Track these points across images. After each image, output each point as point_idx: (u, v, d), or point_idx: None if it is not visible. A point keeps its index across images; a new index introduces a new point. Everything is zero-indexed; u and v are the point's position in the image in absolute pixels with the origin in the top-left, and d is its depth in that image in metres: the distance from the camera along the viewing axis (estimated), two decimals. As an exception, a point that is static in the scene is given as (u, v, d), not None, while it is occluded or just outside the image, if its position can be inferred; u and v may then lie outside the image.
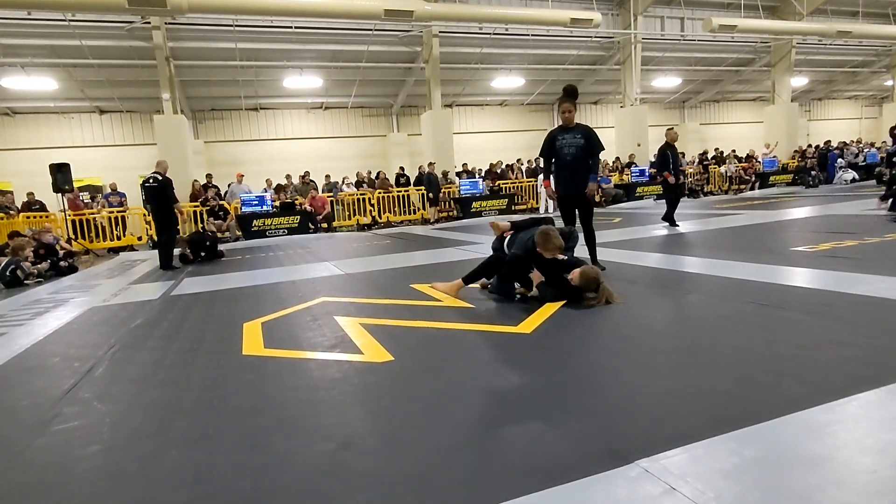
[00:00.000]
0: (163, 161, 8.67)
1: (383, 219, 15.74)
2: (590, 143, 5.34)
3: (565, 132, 5.43)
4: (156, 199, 8.55)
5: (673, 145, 9.24)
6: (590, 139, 5.35)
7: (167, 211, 8.54)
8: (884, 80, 25.42)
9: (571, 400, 2.32)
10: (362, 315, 4.20)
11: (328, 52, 16.52)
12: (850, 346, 2.67)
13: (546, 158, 5.67)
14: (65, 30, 13.28)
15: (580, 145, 5.34)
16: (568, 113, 5.34)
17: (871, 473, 1.59)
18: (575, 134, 5.39)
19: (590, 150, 5.34)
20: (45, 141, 16.83)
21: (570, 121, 5.39)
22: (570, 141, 5.39)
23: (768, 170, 19.12)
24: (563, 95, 5.37)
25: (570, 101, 5.32)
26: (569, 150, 5.38)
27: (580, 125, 5.45)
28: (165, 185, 8.42)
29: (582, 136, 5.36)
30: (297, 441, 2.13)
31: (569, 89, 5.37)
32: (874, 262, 4.80)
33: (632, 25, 17.85)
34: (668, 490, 1.56)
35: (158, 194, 8.47)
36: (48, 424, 2.48)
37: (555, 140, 5.50)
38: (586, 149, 5.33)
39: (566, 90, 5.37)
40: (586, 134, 5.37)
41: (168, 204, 8.52)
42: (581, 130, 5.39)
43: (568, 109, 5.33)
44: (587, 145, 5.33)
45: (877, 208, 9.13)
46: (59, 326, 4.77)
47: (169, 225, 8.67)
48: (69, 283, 7.95)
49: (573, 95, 5.34)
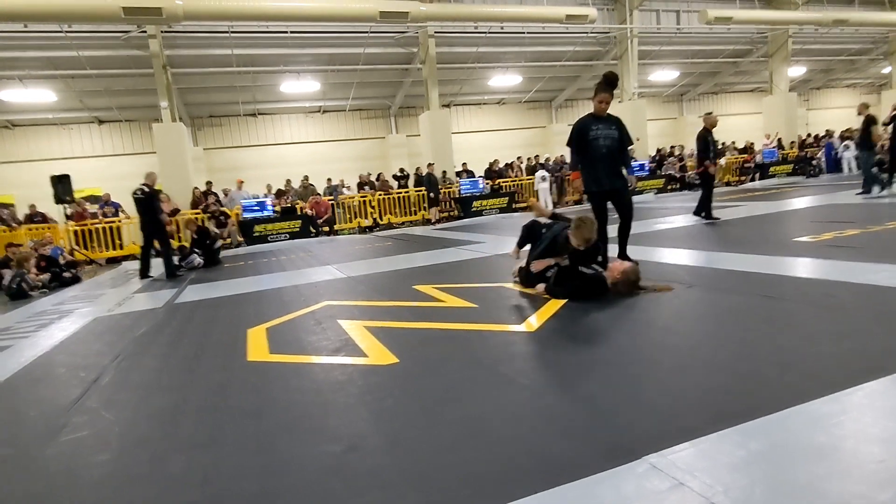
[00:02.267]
0: (151, 173, 8.70)
1: (384, 221, 15.75)
2: (623, 135, 5.06)
3: (599, 122, 5.03)
4: (144, 210, 8.63)
5: (711, 131, 8.64)
6: (623, 131, 5.08)
7: (155, 222, 8.60)
8: (881, 68, 25.33)
9: (577, 397, 2.32)
10: (366, 318, 4.21)
11: (325, 56, 16.54)
12: (855, 335, 2.67)
13: (576, 150, 5.16)
14: (62, 41, 13.31)
15: (616, 137, 5.01)
16: (605, 104, 4.97)
17: (879, 463, 1.59)
18: (609, 125, 5.03)
19: (624, 142, 5.07)
20: (46, 153, 16.86)
21: (603, 112, 5.01)
22: (605, 132, 5.00)
23: (768, 160, 19.09)
24: (602, 83, 4.94)
25: (610, 91, 4.92)
26: (605, 143, 4.98)
27: (613, 116, 5.11)
28: (152, 196, 8.49)
29: (617, 127, 5.04)
30: (302, 442, 2.14)
31: (610, 77, 4.96)
32: (876, 250, 4.79)
33: (627, 20, 17.83)
34: (676, 485, 1.57)
35: (146, 205, 8.54)
36: (57, 434, 2.49)
37: (587, 130, 5.03)
38: (622, 141, 5.05)
39: (607, 78, 4.95)
40: (620, 126, 5.08)
41: (155, 215, 8.58)
42: (615, 121, 5.08)
43: (605, 100, 4.95)
44: (622, 137, 5.05)
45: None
46: (65, 337, 4.79)
47: (161, 234, 8.73)
48: (73, 293, 7.98)
49: (613, 85, 4.95)
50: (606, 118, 5.05)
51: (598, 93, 4.94)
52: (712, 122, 8.70)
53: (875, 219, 6.67)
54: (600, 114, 5.03)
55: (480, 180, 16.77)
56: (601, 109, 5.00)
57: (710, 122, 8.69)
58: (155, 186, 8.61)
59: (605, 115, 5.05)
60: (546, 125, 22.81)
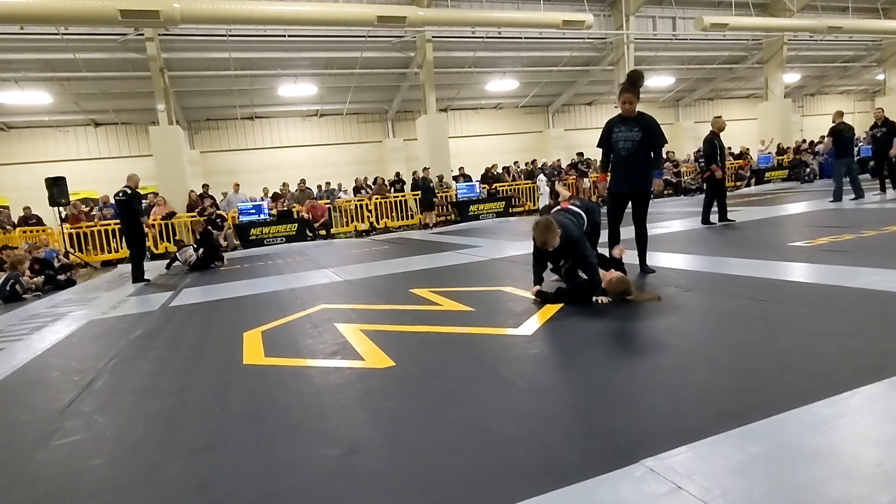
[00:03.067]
0: (133, 175, 8.61)
1: (381, 224, 15.75)
2: (651, 136, 4.84)
3: (623, 123, 4.91)
4: (123, 213, 8.58)
5: (719, 135, 8.53)
6: (651, 132, 4.84)
7: (134, 225, 8.52)
8: (875, 75, 25.54)
9: (574, 400, 2.32)
10: (362, 321, 4.19)
11: (322, 60, 16.56)
12: (852, 338, 2.68)
13: (603, 151, 5.12)
14: (58, 43, 13.30)
15: (637, 139, 4.84)
16: (629, 104, 4.79)
17: (877, 465, 1.59)
18: (632, 126, 4.86)
19: (651, 143, 4.86)
20: (41, 155, 16.81)
21: (630, 112, 4.86)
22: (626, 134, 4.87)
23: (764, 166, 19.18)
24: (626, 83, 4.81)
25: (633, 91, 4.77)
26: (624, 145, 4.88)
27: (642, 116, 4.90)
28: (133, 198, 8.41)
29: (640, 129, 4.83)
30: (301, 446, 2.12)
31: (632, 77, 4.84)
32: (871, 255, 4.81)
33: (624, 26, 17.92)
34: (674, 489, 1.56)
35: (125, 207, 8.48)
36: (50, 438, 2.47)
37: (612, 131, 4.97)
38: (645, 142, 4.85)
39: (630, 77, 4.84)
40: (646, 127, 4.84)
41: (135, 217, 8.50)
42: (640, 122, 4.86)
43: (629, 100, 4.78)
44: (646, 139, 4.84)
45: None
46: (59, 340, 4.76)
47: (136, 238, 8.63)
48: (67, 296, 7.93)
49: (636, 84, 4.79)
50: (633, 119, 4.88)
51: (622, 94, 4.81)
52: (720, 125, 8.60)
53: (869, 224, 6.70)
54: (627, 114, 4.88)
55: (477, 184, 16.79)
56: (626, 110, 4.85)
57: (717, 126, 8.59)
58: (137, 189, 8.53)
59: (634, 115, 4.87)
60: (543, 130, 22.89)
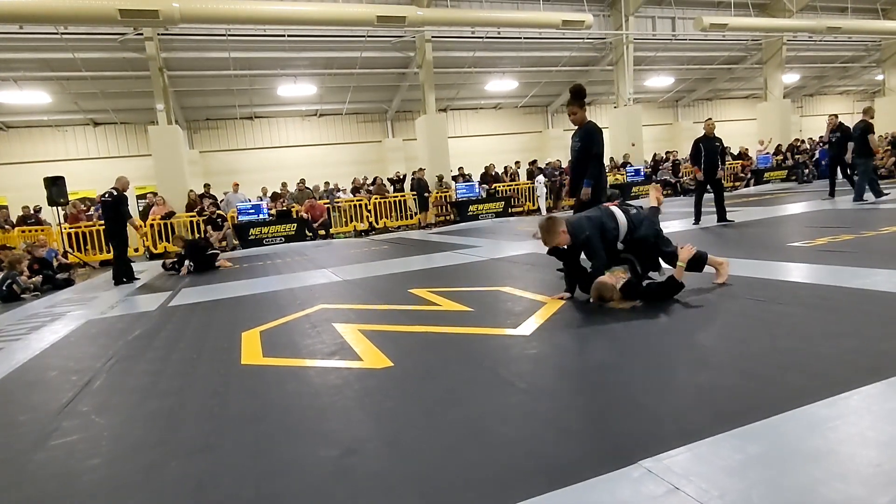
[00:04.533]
0: (122, 177, 8.58)
1: (380, 224, 15.74)
2: (587, 143, 5.07)
3: (575, 134, 5.25)
4: (108, 214, 8.56)
5: (708, 137, 8.70)
6: (586, 139, 5.09)
7: (118, 227, 8.47)
8: (874, 75, 25.55)
9: (572, 401, 2.31)
10: (361, 321, 4.19)
11: (322, 60, 16.55)
12: (850, 339, 2.68)
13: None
14: (57, 43, 13.28)
15: (577, 147, 5.17)
16: (573, 115, 5.13)
17: (876, 466, 1.59)
18: (576, 136, 5.21)
19: (587, 152, 5.08)
20: (40, 154, 16.79)
21: (575, 122, 5.18)
22: (573, 143, 5.25)
23: (763, 166, 19.19)
24: (570, 97, 5.14)
25: (574, 102, 5.08)
26: (571, 154, 5.29)
27: (587, 125, 5.16)
28: (119, 200, 8.37)
29: (580, 137, 5.15)
30: (300, 446, 2.12)
31: (573, 90, 5.12)
32: (870, 255, 4.81)
33: (623, 26, 17.92)
34: (671, 490, 1.56)
35: (110, 209, 8.47)
36: (48, 438, 2.46)
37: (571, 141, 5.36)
38: (586, 150, 5.09)
39: (573, 90, 5.11)
40: (583, 135, 5.13)
41: (120, 219, 8.46)
42: (581, 132, 5.16)
43: (573, 112, 5.12)
44: (584, 146, 5.10)
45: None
46: (57, 340, 4.75)
47: (117, 241, 8.57)
48: (66, 296, 7.92)
49: (578, 96, 5.07)
50: (579, 129, 5.19)
51: (567, 106, 5.20)
52: (707, 128, 8.85)
53: (868, 224, 6.70)
54: (575, 125, 5.22)
55: (476, 184, 16.79)
56: (572, 121, 5.22)
57: (705, 128, 8.87)
58: (125, 191, 8.48)
59: (581, 124, 5.18)
60: (542, 130, 22.89)
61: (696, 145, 8.85)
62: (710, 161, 8.64)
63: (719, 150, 8.65)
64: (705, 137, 8.73)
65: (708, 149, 8.66)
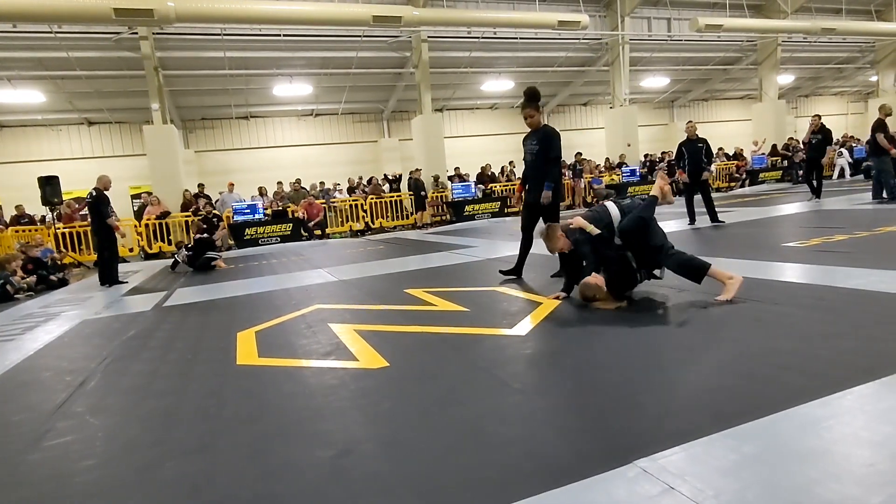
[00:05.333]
0: (103, 176, 8.48)
1: (376, 224, 15.73)
2: (545, 146, 5.10)
3: (529, 136, 5.29)
4: (91, 215, 8.50)
5: (690, 139, 8.79)
6: (545, 142, 5.11)
7: (102, 227, 8.38)
8: (868, 76, 25.68)
9: (568, 401, 2.32)
10: (357, 321, 4.18)
11: (317, 60, 16.52)
12: (845, 339, 2.69)
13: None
14: (51, 42, 13.21)
15: (535, 151, 5.17)
16: (530, 118, 5.16)
17: (869, 466, 1.59)
18: (533, 139, 5.21)
19: (545, 155, 5.11)
20: (35, 154, 16.71)
21: (532, 125, 5.21)
22: (529, 147, 5.25)
23: (757, 167, 19.27)
24: (524, 99, 5.19)
25: (530, 105, 5.11)
26: (526, 157, 5.28)
27: (544, 129, 5.23)
28: (98, 200, 8.27)
29: (538, 140, 5.15)
30: (296, 448, 2.11)
31: (530, 93, 5.14)
32: (864, 255, 4.83)
33: (619, 27, 17.96)
34: (666, 489, 1.56)
35: (92, 209, 8.40)
36: (41, 439, 2.45)
37: (523, 145, 5.39)
38: (543, 153, 5.12)
39: (528, 93, 5.15)
40: (542, 138, 5.14)
41: (102, 220, 8.36)
42: (538, 135, 5.18)
43: (529, 115, 5.14)
44: (542, 149, 5.12)
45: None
46: (51, 340, 4.73)
47: (105, 241, 8.51)
48: (60, 296, 7.88)
49: (533, 99, 5.11)
50: (536, 132, 5.20)
51: (523, 109, 5.19)
52: (688, 130, 9.02)
53: (862, 225, 6.73)
54: (531, 128, 5.23)
55: (472, 184, 16.79)
56: (528, 124, 5.22)
57: (686, 131, 9.04)
58: (106, 190, 8.38)
59: (537, 128, 5.21)
60: (538, 130, 22.87)
61: (679, 148, 8.99)
62: (694, 163, 8.71)
63: (703, 151, 8.68)
64: (688, 140, 8.84)
65: (690, 151, 8.74)
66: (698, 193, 8.84)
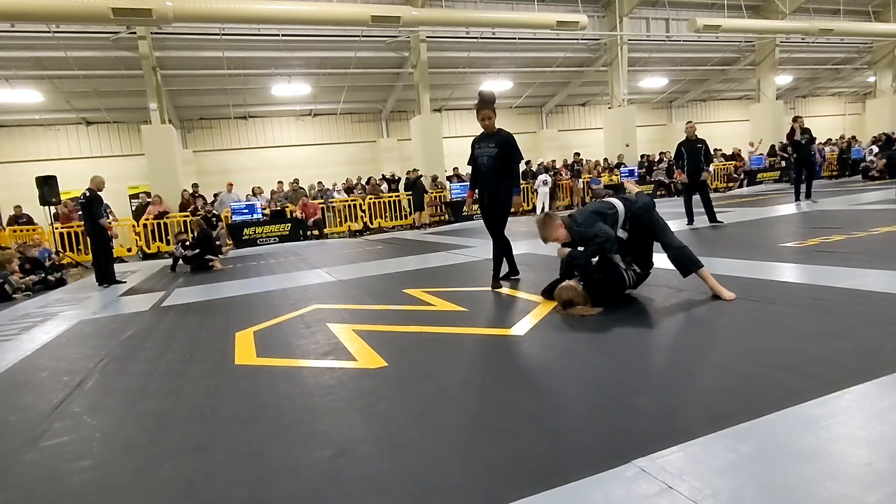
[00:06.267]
0: (96, 177, 8.43)
1: (375, 224, 15.72)
2: (506, 150, 5.00)
3: (483, 139, 5.12)
4: (84, 215, 8.50)
5: (690, 140, 8.79)
6: (505, 146, 5.00)
7: (95, 227, 8.34)
8: (866, 77, 25.73)
9: (566, 400, 2.32)
10: (355, 321, 4.18)
11: (316, 59, 16.51)
12: (842, 339, 2.69)
13: (472, 168, 5.30)
14: (49, 41, 13.19)
15: (493, 154, 5.02)
16: (488, 120, 5.00)
17: (866, 465, 1.60)
18: (490, 143, 5.05)
19: (507, 157, 5.01)
20: (32, 154, 16.68)
21: (490, 128, 5.06)
22: (485, 150, 5.07)
23: (756, 167, 19.30)
24: (479, 101, 5.04)
25: (487, 107, 4.98)
26: (482, 161, 5.08)
27: (500, 131, 5.09)
28: (91, 201, 8.24)
29: (496, 144, 5.01)
30: (293, 448, 2.11)
31: (486, 95, 5.04)
32: (861, 255, 4.84)
33: (618, 27, 17.98)
34: (665, 489, 1.56)
35: (84, 210, 8.40)
36: (38, 439, 2.45)
37: (473, 148, 5.20)
38: (501, 157, 5.00)
39: (484, 96, 5.03)
40: (501, 142, 5.01)
41: (95, 220, 8.31)
42: (496, 138, 5.04)
43: (487, 116, 4.99)
44: (501, 153, 5.00)
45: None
46: (48, 340, 4.72)
47: (98, 241, 8.48)
48: (58, 296, 7.87)
49: (490, 102, 5.00)
50: (492, 135, 5.06)
51: (480, 111, 5.01)
52: (687, 130, 9.03)
53: (859, 225, 6.74)
54: (487, 131, 5.07)
55: (471, 185, 16.77)
56: (486, 126, 5.05)
57: (686, 131, 9.05)
58: (99, 191, 8.33)
59: (493, 131, 5.06)
60: (536, 130, 22.93)
61: (678, 149, 9.02)
62: (693, 163, 8.73)
63: (702, 151, 8.71)
64: (687, 140, 8.86)
65: (689, 151, 8.76)
66: (697, 194, 8.85)
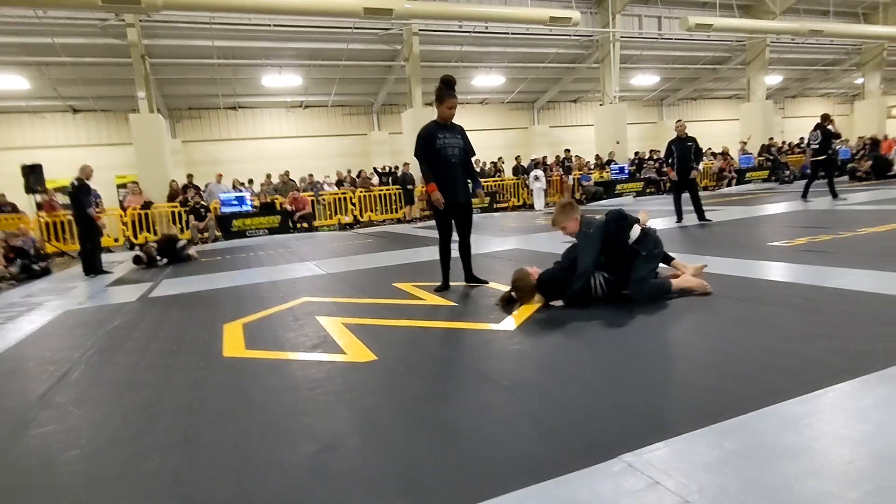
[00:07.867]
0: (85, 166, 8.36)
1: (365, 218, 15.67)
2: (468, 145, 4.81)
3: (444, 129, 4.69)
4: (72, 204, 8.42)
5: (680, 138, 8.79)
6: (467, 141, 4.81)
7: (83, 217, 8.28)
8: (854, 78, 26.00)
9: (554, 396, 2.33)
10: (344, 315, 4.17)
11: (307, 51, 16.37)
12: (828, 338, 2.73)
13: (429, 159, 4.66)
14: (36, 27, 12.96)
15: (461, 146, 4.73)
16: (454, 109, 4.66)
17: (848, 463, 1.62)
18: (455, 134, 4.72)
19: (469, 153, 4.83)
20: (18, 141, 16.42)
21: (450, 118, 4.70)
22: (451, 141, 4.67)
23: (745, 166, 19.46)
24: (445, 87, 4.58)
25: (455, 95, 4.64)
26: (452, 152, 4.66)
27: (456, 124, 4.80)
28: (79, 189, 8.18)
29: (461, 136, 4.76)
30: (280, 442, 2.10)
31: (451, 80, 4.63)
32: (848, 255, 4.90)
33: (610, 24, 18.00)
34: (651, 484, 1.58)
35: (72, 199, 8.33)
36: (24, 429, 2.42)
37: (433, 139, 4.64)
38: (468, 151, 4.80)
39: (447, 81, 4.60)
40: (464, 135, 4.80)
41: (82, 209, 8.25)
42: (460, 130, 4.79)
43: (454, 105, 4.64)
44: (467, 147, 4.80)
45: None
46: (34, 330, 4.66)
47: (86, 230, 8.42)
48: (43, 285, 7.78)
49: (454, 87, 4.63)
50: (451, 126, 4.74)
51: (447, 98, 4.58)
52: (677, 129, 9.05)
53: (846, 225, 6.83)
54: (446, 120, 4.70)
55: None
56: (450, 115, 4.68)
57: (676, 129, 9.08)
58: (88, 180, 8.28)
59: (450, 123, 4.73)
60: (528, 126, 22.95)
61: (668, 147, 9.08)
62: (683, 162, 8.78)
63: (692, 150, 8.75)
64: (677, 139, 8.89)
65: (679, 149, 8.81)
66: (686, 192, 8.91)
